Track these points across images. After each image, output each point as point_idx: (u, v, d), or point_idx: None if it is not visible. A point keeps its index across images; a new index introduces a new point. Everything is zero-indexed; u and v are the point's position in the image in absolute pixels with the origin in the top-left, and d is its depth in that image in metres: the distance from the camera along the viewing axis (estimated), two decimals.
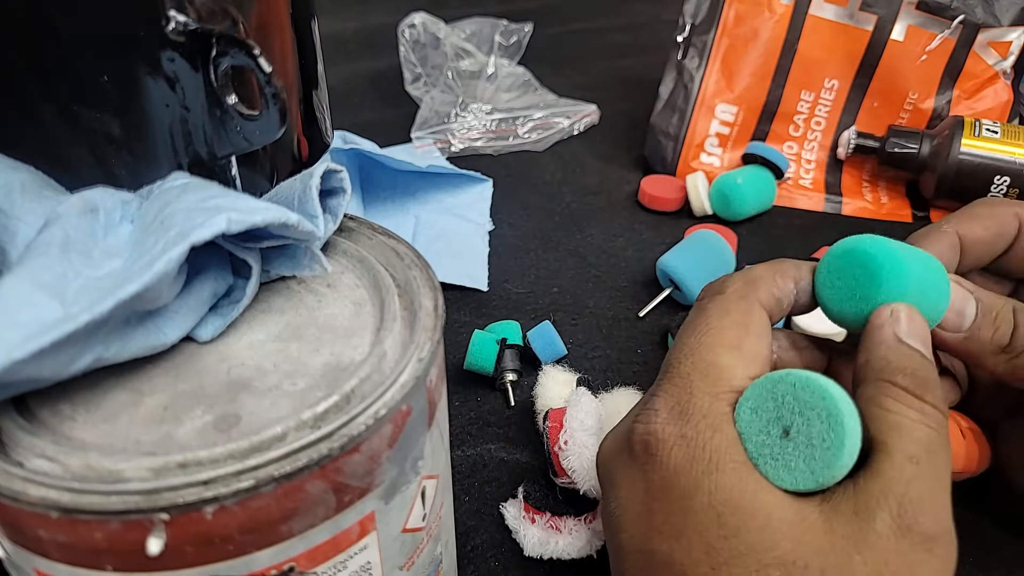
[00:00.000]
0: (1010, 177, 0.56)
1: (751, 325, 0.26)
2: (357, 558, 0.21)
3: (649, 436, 0.25)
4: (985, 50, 0.59)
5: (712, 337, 0.26)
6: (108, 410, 0.20)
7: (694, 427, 0.24)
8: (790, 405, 0.23)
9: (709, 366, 0.25)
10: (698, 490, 0.23)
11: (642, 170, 0.66)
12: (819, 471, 0.22)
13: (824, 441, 0.22)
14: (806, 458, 0.23)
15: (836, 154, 0.64)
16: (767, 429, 0.23)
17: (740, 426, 0.24)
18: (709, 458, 0.23)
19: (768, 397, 0.24)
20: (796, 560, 0.22)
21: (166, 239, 0.19)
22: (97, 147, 0.24)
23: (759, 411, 0.24)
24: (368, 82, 0.82)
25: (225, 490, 0.17)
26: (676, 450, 0.24)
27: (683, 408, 0.25)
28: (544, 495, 0.35)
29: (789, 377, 0.23)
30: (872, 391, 0.24)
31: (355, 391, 0.20)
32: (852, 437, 0.22)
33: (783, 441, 0.23)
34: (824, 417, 0.22)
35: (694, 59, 0.63)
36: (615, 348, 0.47)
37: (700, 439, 0.24)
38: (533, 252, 0.56)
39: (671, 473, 0.24)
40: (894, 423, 0.23)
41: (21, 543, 0.18)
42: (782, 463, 0.23)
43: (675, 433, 0.24)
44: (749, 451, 0.24)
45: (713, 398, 0.25)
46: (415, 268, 0.24)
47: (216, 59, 0.23)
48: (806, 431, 0.23)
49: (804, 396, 0.23)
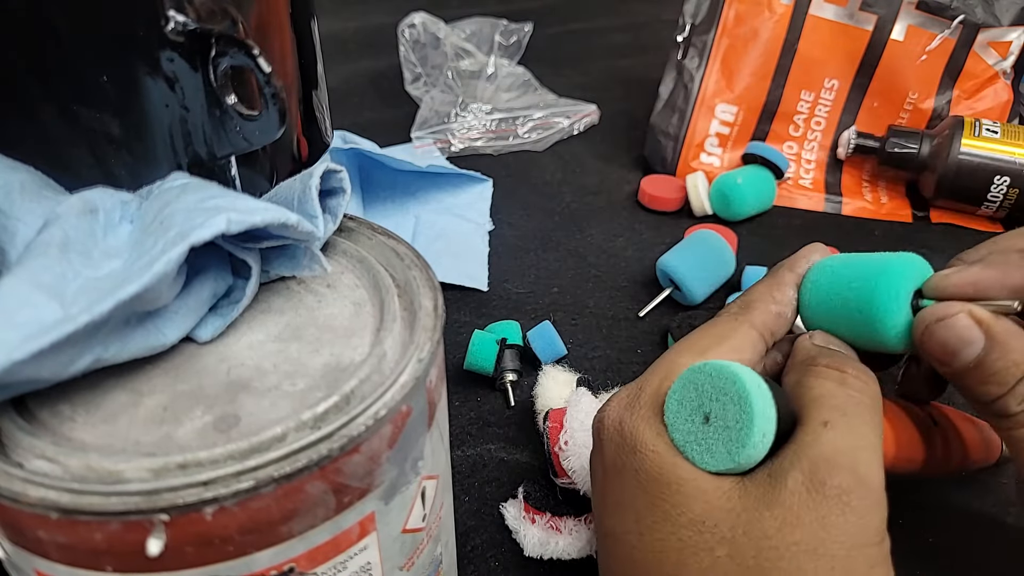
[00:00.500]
0: (1010, 177, 0.56)
1: (729, 339, 0.28)
2: (357, 559, 0.21)
3: (599, 423, 0.28)
4: (985, 50, 0.59)
5: (685, 342, 0.28)
6: (108, 411, 0.20)
7: (630, 415, 0.26)
8: (708, 393, 0.24)
9: (669, 364, 0.27)
10: (626, 469, 0.26)
11: (642, 170, 0.66)
12: (735, 451, 0.24)
13: (737, 423, 0.24)
14: (724, 440, 0.24)
15: (836, 154, 0.64)
16: (691, 417, 0.25)
17: (668, 417, 0.25)
18: (634, 444, 0.26)
19: (691, 387, 0.25)
20: (706, 520, 0.23)
21: (166, 239, 0.19)
22: (97, 147, 0.24)
23: (684, 401, 0.25)
24: (368, 82, 0.82)
25: (225, 491, 0.17)
26: (615, 434, 0.27)
27: (631, 400, 0.27)
28: (544, 495, 0.35)
29: (706, 367, 0.25)
30: (796, 375, 0.26)
31: (355, 391, 0.20)
32: (761, 417, 0.23)
33: (704, 427, 0.24)
34: (736, 400, 0.24)
35: (694, 59, 0.63)
36: (615, 348, 0.47)
37: (631, 427, 0.26)
38: (533, 252, 0.56)
39: (612, 455, 0.26)
40: (813, 396, 0.25)
41: (21, 544, 0.18)
42: (705, 447, 0.24)
43: (616, 419, 0.27)
44: (677, 440, 0.25)
45: (655, 392, 0.27)
46: (415, 268, 0.24)
47: (215, 59, 0.23)
48: (722, 415, 0.24)
49: (719, 383, 0.24)
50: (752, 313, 0.29)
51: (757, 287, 0.30)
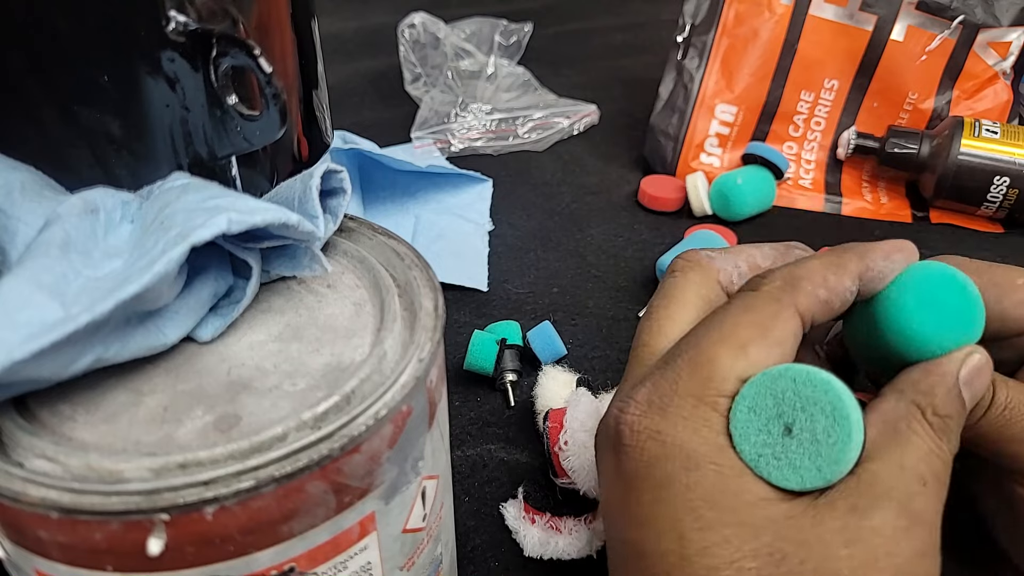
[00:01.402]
0: (1010, 178, 0.56)
1: (771, 330, 0.24)
2: (357, 558, 0.21)
3: (623, 426, 0.24)
4: (985, 50, 0.59)
5: (720, 332, 0.24)
6: (108, 410, 0.20)
7: (671, 426, 0.23)
8: (791, 401, 0.22)
9: (704, 364, 0.24)
10: (673, 482, 0.22)
11: (642, 170, 0.66)
12: (826, 468, 0.22)
13: (830, 436, 0.22)
14: (811, 455, 0.22)
15: (836, 154, 0.64)
16: (767, 428, 0.22)
17: (736, 426, 0.23)
18: (687, 456, 0.22)
19: (767, 394, 0.23)
20: (774, 552, 0.21)
21: (166, 239, 0.19)
22: (97, 147, 0.24)
23: (757, 410, 0.23)
24: (368, 82, 0.82)
25: (225, 490, 0.17)
26: (650, 444, 0.23)
27: (663, 404, 0.23)
28: (544, 495, 0.35)
29: (789, 372, 0.22)
30: (904, 407, 0.23)
31: (355, 391, 0.20)
32: (858, 431, 0.22)
33: (786, 439, 0.22)
34: (829, 411, 0.22)
35: (694, 59, 0.63)
36: (615, 348, 0.47)
37: (677, 439, 0.23)
38: (533, 252, 0.56)
39: (644, 464, 0.23)
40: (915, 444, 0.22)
41: (21, 543, 0.18)
42: (786, 462, 0.22)
43: (650, 428, 0.23)
44: (746, 452, 0.23)
45: (697, 401, 0.23)
46: (415, 268, 0.24)
47: (216, 59, 0.23)
48: (810, 427, 0.22)
49: (806, 391, 0.22)
50: (798, 294, 0.25)
51: (809, 263, 0.25)
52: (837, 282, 0.25)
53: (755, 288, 0.25)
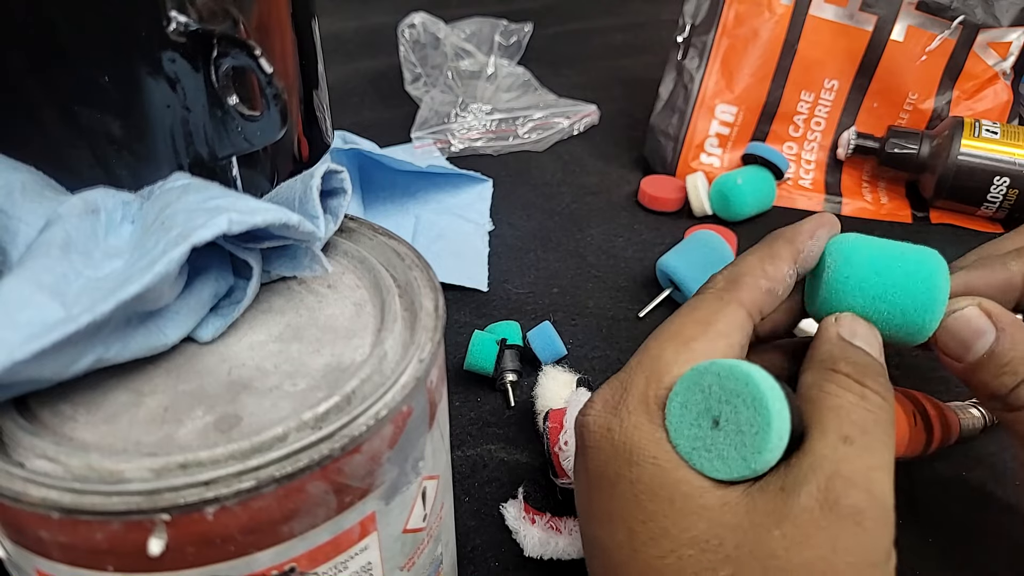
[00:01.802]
0: (1009, 178, 0.56)
1: (714, 324, 0.26)
2: (358, 559, 0.21)
3: (583, 427, 0.26)
4: (985, 50, 0.59)
5: (666, 331, 0.26)
6: (109, 411, 0.20)
7: (619, 421, 0.24)
8: (717, 395, 0.23)
9: (652, 360, 0.25)
10: (620, 479, 0.24)
11: (642, 170, 0.66)
12: (750, 457, 0.22)
13: (752, 426, 0.22)
14: (736, 445, 0.22)
15: (836, 154, 0.64)
16: (697, 422, 0.23)
17: (671, 421, 0.24)
18: (630, 451, 0.24)
19: (695, 389, 0.23)
20: (710, 538, 0.22)
21: (167, 240, 0.19)
22: (98, 148, 0.24)
23: (688, 404, 0.23)
24: (368, 82, 0.82)
25: (226, 491, 0.17)
26: (604, 442, 0.24)
27: (616, 401, 0.25)
28: (544, 495, 0.35)
29: (713, 367, 0.23)
30: (814, 377, 0.25)
31: (356, 392, 0.20)
32: (778, 420, 0.22)
33: (714, 432, 0.23)
34: (749, 402, 0.22)
35: (694, 59, 0.63)
36: (615, 348, 0.47)
37: (623, 434, 0.24)
38: (533, 252, 0.56)
39: (600, 463, 0.24)
40: (832, 405, 0.23)
41: (22, 544, 0.18)
42: (715, 454, 0.23)
43: (603, 425, 0.25)
44: (681, 446, 0.23)
45: (643, 395, 0.25)
46: (416, 269, 0.25)
47: (217, 60, 0.23)
48: (734, 419, 0.23)
49: (729, 384, 0.23)
50: (740, 290, 0.26)
51: (747, 259, 0.27)
52: (775, 271, 0.27)
53: (701, 292, 0.27)
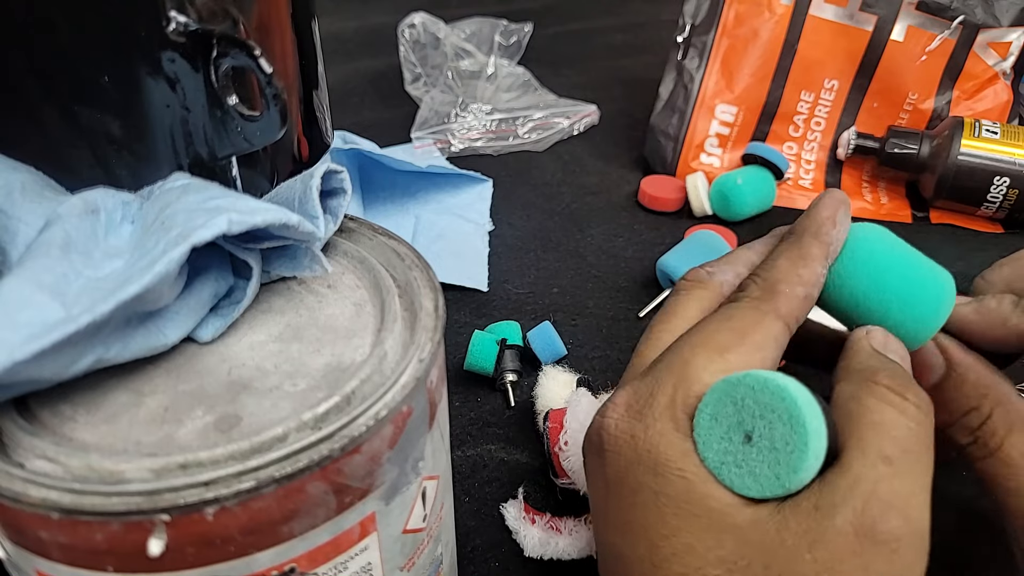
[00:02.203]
0: (1009, 178, 0.56)
1: (751, 335, 0.24)
2: (358, 559, 0.21)
3: (603, 431, 0.24)
4: (985, 50, 0.59)
5: (698, 337, 0.24)
6: (109, 411, 0.20)
7: (644, 429, 0.23)
8: (750, 409, 0.22)
9: (682, 366, 0.24)
10: (642, 489, 0.23)
11: (642, 170, 0.66)
12: (784, 476, 0.21)
13: (787, 444, 0.21)
14: (770, 463, 0.21)
15: (836, 154, 0.64)
16: (728, 436, 0.22)
17: (699, 434, 0.23)
18: (655, 461, 0.23)
19: (727, 402, 0.22)
20: (738, 559, 0.21)
21: (167, 240, 0.19)
22: (98, 148, 0.24)
23: (719, 417, 0.22)
24: (368, 82, 0.82)
25: (226, 491, 0.17)
26: (626, 448, 0.23)
27: (641, 407, 0.24)
28: (544, 496, 0.35)
29: (747, 379, 0.22)
30: (852, 389, 0.23)
31: (356, 392, 0.20)
32: (816, 438, 0.21)
33: (745, 447, 0.22)
34: (786, 419, 0.21)
35: (694, 59, 0.63)
36: (615, 348, 0.47)
37: (648, 442, 0.23)
38: (533, 252, 0.56)
39: (621, 469, 0.23)
40: (872, 420, 0.22)
41: (22, 544, 0.18)
42: (747, 470, 0.22)
43: (627, 431, 0.23)
44: (710, 460, 0.22)
45: (670, 403, 0.23)
46: (415, 269, 0.24)
47: (217, 60, 0.23)
48: (768, 435, 0.21)
49: (764, 398, 0.22)
50: (778, 301, 0.25)
51: (779, 264, 0.26)
52: (810, 274, 0.25)
53: (736, 299, 0.26)
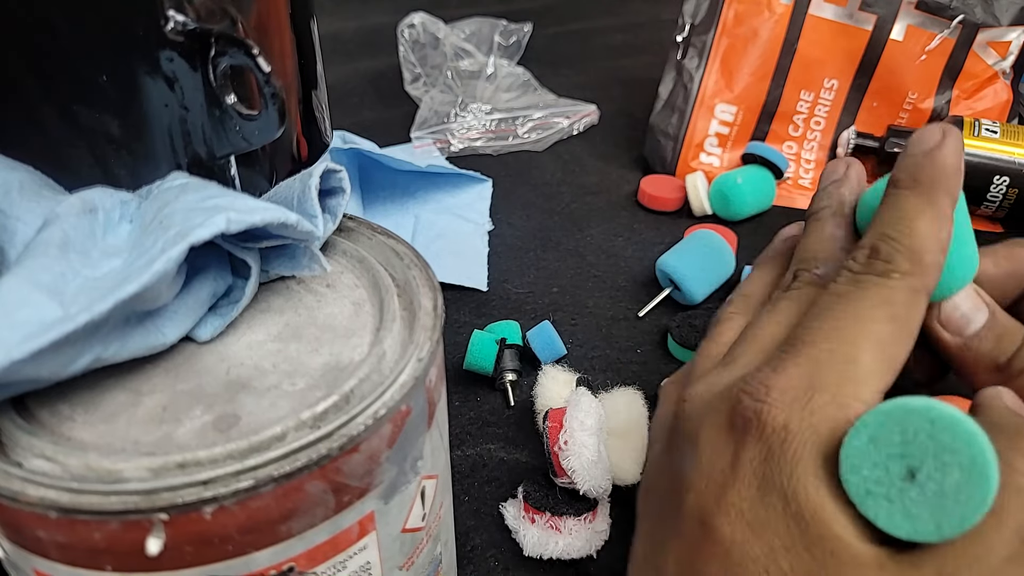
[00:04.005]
0: (1009, 177, 0.56)
1: (909, 324, 0.23)
2: (356, 558, 0.21)
3: (752, 414, 0.22)
4: (984, 50, 0.59)
5: (859, 328, 0.23)
6: (107, 410, 0.20)
7: (798, 424, 0.22)
8: (923, 444, 0.20)
9: (846, 362, 0.22)
10: (774, 490, 0.21)
11: (642, 170, 0.66)
12: (946, 526, 0.19)
13: (961, 494, 0.19)
14: (933, 508, 0.20)
15: (836, 154, 0.64)
16: (885, 464, 0.20)
17: (848, 454, 0.21)
18: (795, 463, 0.21)
19: (895, 429, 0.20)
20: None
21: (165, 239, 0.19)
22: (96, 147, 0.24)
23: (879, 442, 0.20)
24: (368, 82, 0.82)
25: (224, 490, 0.17)
26: (773, 439, 0.22)
27: (798, 399, 0.22)
28: (544, 495, 0.35)
29: (930, 412, 0.20)
30: (1000, 444, 0.21)
31: (354, 391, 0.20)
32: (994, 494, 0.19)
33: (905, 483, 0.20)
34: (967, 467, 0.19)
35: (693, 59, 0.63)
36: (615, 348, 0.47)
37: (799, 439, 0.21)
38: (533, 252, 0.56)
39: (759, 460, 0.22)
40: (1018, 486, 0.20)
41: (20, 543, 0.18)
42: (900, 508, 0.20)
43: (780, 423, 0.22)
44: (852, 483, 0.20)
45: (832, 401, 0.22)
46: (414, 268, 0.24)
47: (215, 59, 0.23)
48: (938, 478, 0.20)
49: (944, 438, 0.20)
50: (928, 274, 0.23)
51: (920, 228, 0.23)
52: (948, 237, 0.24)
53: (882, 273, 0.24)
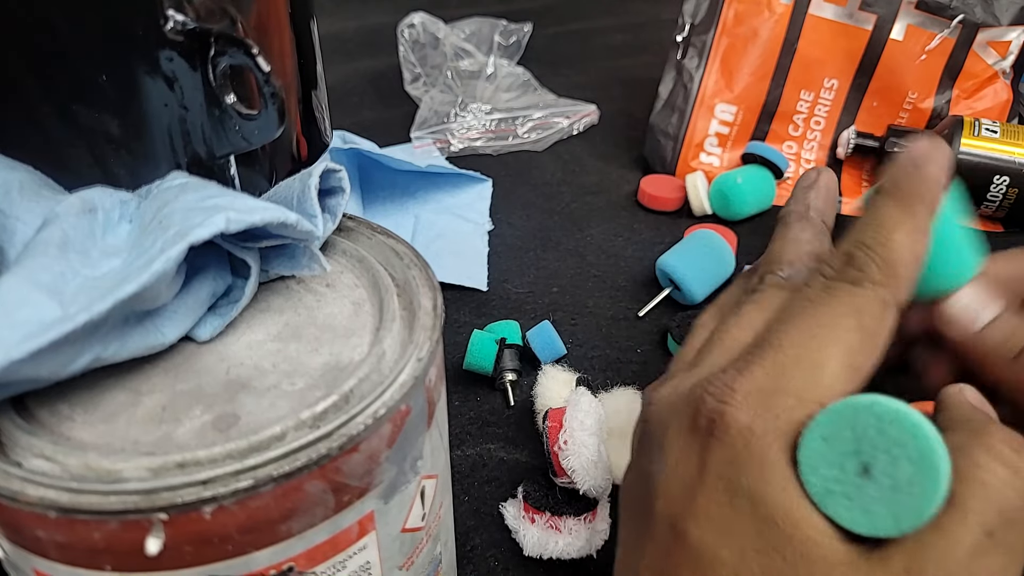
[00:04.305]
0: (1009, 177, 0.56)
1: (878, 335, 0.23)
2: (356, 558, 0.21)
3: (716, 415, 0.22)
4: (984, 50, 0.59)
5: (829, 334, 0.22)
6: (107, 410, 0.20)
7: (762, 425, 0.21)
8: (872, 439, 0.20)
9: (813, 367, 0.22)
10: (741, 493, 0.21)
11: (642, 170, 0.66)
12: (904, 518, 0.20)
13: (914, 486, 0.20)
14: (889, 502, 0.20)
15: (835, 154, 0.64)
16: (840, 463, 0.20)
17: (804, 455, 0.21)
18: (761, 465, 0.21)
19: (846, 426, 0.21)
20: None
21: (165, 238, 0.19)
22: (96, 146, 0.24)
23: (832, 440, 0.21)
24: (368, 82, 0.82)
25: (224, 490, 0.17)
26: (738, 440, 0.21)
27: (762, 401, 0.22)
28: (544, 495, 0.35)
29: (875, 407, 0.20)
30: (963, 439, 0.21)
31: (354, 391, 0.20)
32: (946, 485, 0.20)
33: (860, 479, 0.20)
34: (916, 459, 0.20)
35: (693, 59, 0.63)
36: (615, 348, 0.47)
37: (764, 441, 0.21)
38: (533, 252, 0.56)
39: (725, 463, 0.22)
40: (982, 479, 0.20)
41: (20, 543, 0.18)
42: (858, 505, 0.20)
43: (744, 424, 0.22)
44: (812, 484, 0.21)
45: (797, 404, 0.22)
46: (414, 268, 0.24)
47: (215, 58, 0.23)
48: (891, 472, 0.20)
49: (893, 432, 0.20)
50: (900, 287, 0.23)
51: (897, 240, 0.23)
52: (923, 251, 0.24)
53: (854, 282, 0.23)
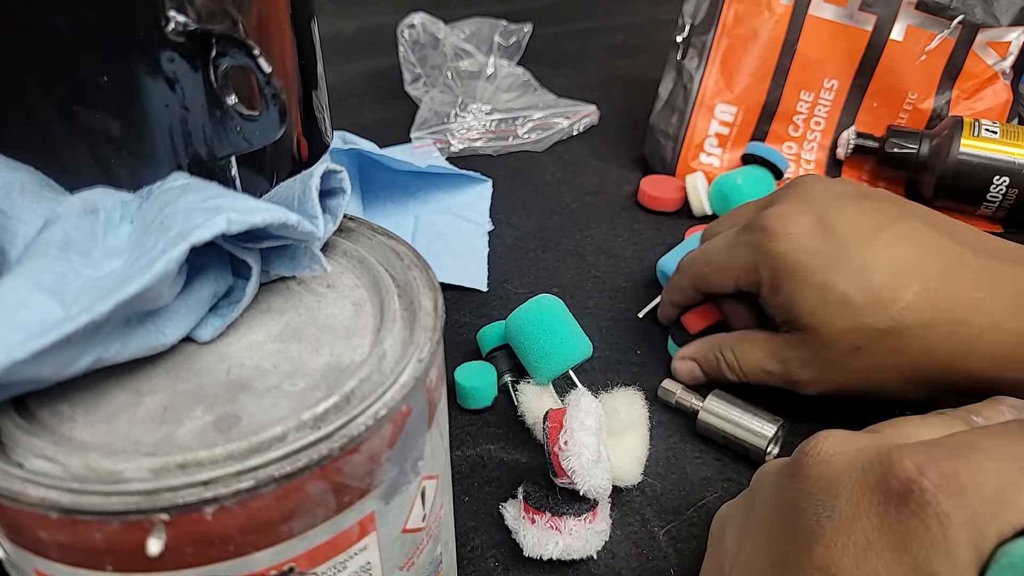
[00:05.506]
0: (1009, 177, 0.56)
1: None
2: (357, 558, 0.21)
3: (914, 485, 0.21)
4: (984, 50, 0.59)
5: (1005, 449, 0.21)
6: (108, 410, 0.20)
7: (960, 518, 0.20)
8: None
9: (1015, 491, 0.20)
10: (922, 572, 0.20)
11: (641, 170, 0.66)
12: None
13: None
14: None
15: (835, 154, 0.64)
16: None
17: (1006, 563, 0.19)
18: (951, 559, 0.20)
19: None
20: None
21: (166, 239, 0.19)
22: (97, 147, 0.24)
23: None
24: (368, 82, 0.82)
25: (225, 490, 0.17)
26: (933, 522, 0.20)
27: (964, 485, 0.20)
28: (544, 495, 0.35)
29: None
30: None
31: (355, 391, 0.20)
32: None
33: None
34: None
35: (693, 59, 0.63)
36: (615, 348, 0.47)
37: (959, 536, 0.20)
38: (533, 252, 0.56)
39: (912, 536, 0.20)
40: None
41: (21, 543, 0.18)
42: None
43: (943, 509, 0.20)
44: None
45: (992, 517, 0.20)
46: (415, 268, 0.24)
47: (216, 59, 0.23)
48: None
49: None
50: None
51: None
52: None
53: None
